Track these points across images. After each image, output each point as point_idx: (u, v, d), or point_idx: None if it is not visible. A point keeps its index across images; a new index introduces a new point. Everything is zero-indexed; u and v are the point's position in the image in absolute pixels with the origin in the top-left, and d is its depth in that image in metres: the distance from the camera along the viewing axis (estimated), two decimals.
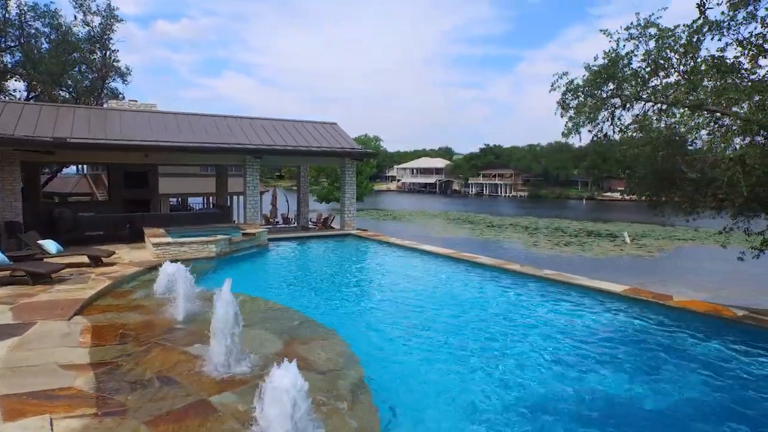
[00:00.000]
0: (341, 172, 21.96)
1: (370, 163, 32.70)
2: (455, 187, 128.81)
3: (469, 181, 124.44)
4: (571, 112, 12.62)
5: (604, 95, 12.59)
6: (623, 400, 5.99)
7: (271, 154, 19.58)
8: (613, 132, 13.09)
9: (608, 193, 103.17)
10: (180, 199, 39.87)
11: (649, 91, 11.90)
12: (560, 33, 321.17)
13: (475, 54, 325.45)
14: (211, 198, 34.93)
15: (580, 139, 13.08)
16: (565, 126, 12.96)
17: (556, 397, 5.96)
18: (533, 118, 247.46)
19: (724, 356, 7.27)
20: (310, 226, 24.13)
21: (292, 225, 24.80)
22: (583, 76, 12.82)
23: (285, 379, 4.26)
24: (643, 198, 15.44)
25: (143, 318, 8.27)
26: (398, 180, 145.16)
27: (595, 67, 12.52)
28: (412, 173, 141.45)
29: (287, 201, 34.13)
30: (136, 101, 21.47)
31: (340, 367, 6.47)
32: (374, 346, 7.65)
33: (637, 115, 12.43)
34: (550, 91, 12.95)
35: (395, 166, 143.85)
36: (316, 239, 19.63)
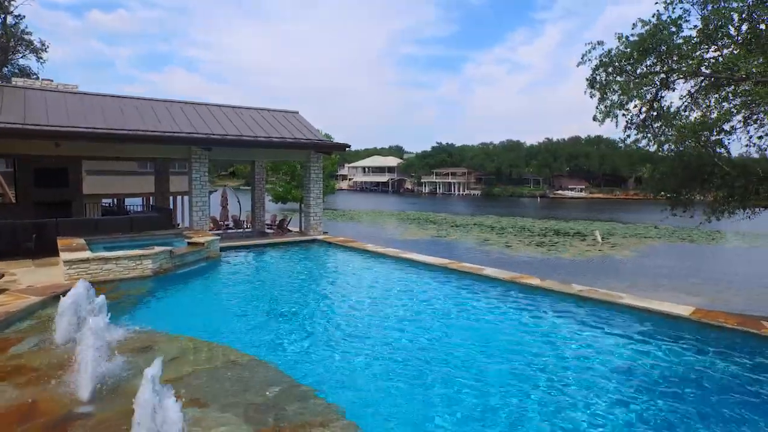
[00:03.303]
0: (305, 167, 18.91)
1: (332, 158, 29.65)
2: (408, 185, 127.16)
3: (423, 180, 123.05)
4: (607, 91, 10.34)
5: (643, 71, 10.39)
6: None
7: (222, 146, 16.27)
8: (651, 117, 10.93)
9: (560, 192, 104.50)
10: (115, 201, 35.20)
11: (700, 64, 9.73)
12: (506, 36, 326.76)
13: (424, 55, 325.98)
14: (151, 199, 30.73)
15: (617, 125, 10.81)
16: (597, 109, 10.68)
17: None
18: (482, 118, 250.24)
19: None
20: (267, 230, 20.92)
21: (246, 229, 21.47)
22: (616, 48, 10.59)
23: None
24: (666, 196, 13.39)
25: (21, 397, 5.08)
26: (350, 179, 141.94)
27: (633, 37, 10.24)
28: (364, 172, 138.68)
29: (239, 202, 30.56)
30: (51, 81, 17.50)
31: None
32: None
33: (687, 95, 10.33)
34: (578, 65, 10.65)
35: (346, 165, 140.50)
36: (277, 247, 16.50)
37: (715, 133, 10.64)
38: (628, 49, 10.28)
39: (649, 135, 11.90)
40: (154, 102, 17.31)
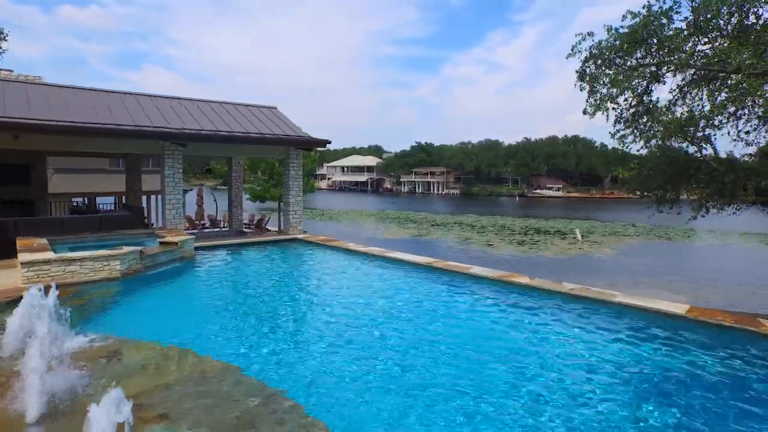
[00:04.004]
0: (284, 164, 18.30)
1: (311, 157, 29.03)
2: (387, 185, 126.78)
3: (402, 179, 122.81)
4: (596, 84, 10.05)
5: (633, 63, 10.14)
6: None
7: (197, 141, 15.54)
8: (639, 112, 10.70)
9: (538, 191, 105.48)
10: (86, 200, 33.88)
11: (692, 56, 9.50)
12: (484, 37, 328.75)
13: (402, 55, 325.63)
14: (124, 198, 29.57)
15: (608, 119, 10.53)
16: (587, 102, 10.39)
17: None
18: (461, 118, 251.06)
19: None
20: (244, 230, 20.23)
21: (223, 228, 20.73)
22: (606, 40, 10.31)
23: None
24: (652, 194, 13.22)
25: None
26: (329, 178, 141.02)
27: (624, 29, 9.97)
28: (343, 171, 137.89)
29: (215, 201, 29.69)
30: (11, 71, 16.47)
31: None
32: None
33: (676, 88, 10.12)
34: (567, 57, 10.32)
35: (325, 164, 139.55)
36: (254, 246, 15.88)
37: (702, 127, 10.45)
38: (617, 42, 10.03)
39: (636, 131, 11.71)
40: (124, 95, 16.48)
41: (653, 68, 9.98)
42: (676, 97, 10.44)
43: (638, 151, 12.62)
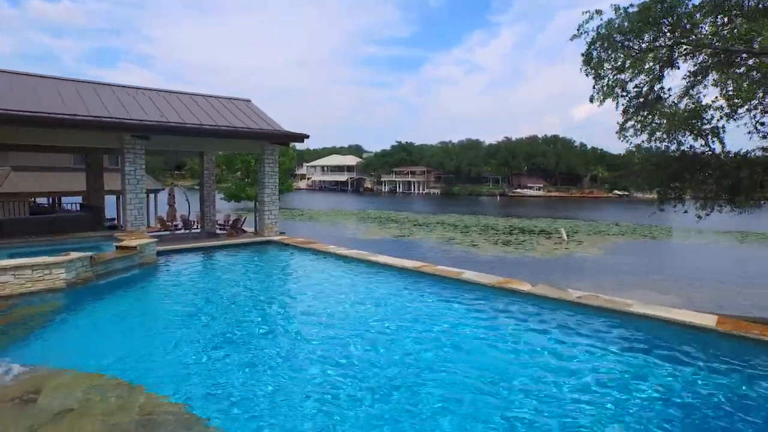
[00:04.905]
0: (260, 160, 16.99)
1: (290, 154, 27.67)
2: (367, 185, 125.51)
3: (382, 179, 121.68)
4: (602, 69, 9.06)
5: (644, 46, 9.17)
6: None
7: (160, 133, 14.14)
8: (650, 101, 9.75)
9: (519, 190, 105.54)
10: (51, 200, 31.88)
11: (714, 35, 8.55)
12: (463, 38, 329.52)
13: (383, 55, 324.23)
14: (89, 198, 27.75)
15: (617, 106, 9.56)
16: (594, 89, 9.41)
17: None
18: (442, 118, 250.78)
19: None
20: (218, 231, 18.86)
21: (194, 230, 19.30)
22: (614, 20, 9.33)
23: None
24: (655, 192, 12.34)
25: None
26: (308, 178, 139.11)
27: (634, 8, 8.99)
28: (323, 171, 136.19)
29: (187, 200, 28.12)
30: None
31: None
32: None
33: (689, 74, 9.21)
34: (572, 39, 9.31)
35: (305, 164, 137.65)
36: (226, 249, 14.57)
37: (719, 117, 9.55)
38: (626, 23, 9.06)
39: (637, 124, 10.82)
40: (80, 83, 14.97)
41: (666, 51, 9.07)
42: (690, 83, 9.53)
43: (650, 140, 11.72)
